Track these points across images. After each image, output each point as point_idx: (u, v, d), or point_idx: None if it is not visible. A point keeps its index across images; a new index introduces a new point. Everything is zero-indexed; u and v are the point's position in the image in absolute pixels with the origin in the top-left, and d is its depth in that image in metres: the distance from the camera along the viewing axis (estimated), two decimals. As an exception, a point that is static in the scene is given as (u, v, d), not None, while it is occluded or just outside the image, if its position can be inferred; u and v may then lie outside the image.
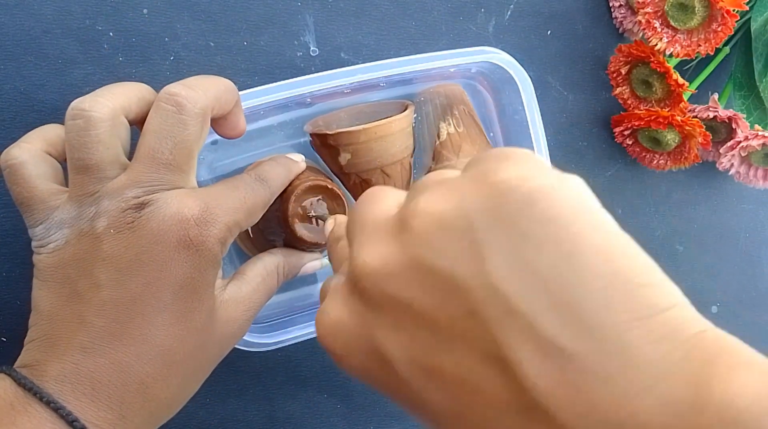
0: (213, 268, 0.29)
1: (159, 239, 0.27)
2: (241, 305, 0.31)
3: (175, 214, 0.27)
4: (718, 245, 0.55)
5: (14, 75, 0.35)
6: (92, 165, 0.27)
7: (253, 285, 0.32)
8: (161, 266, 0.27)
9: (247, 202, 0.31)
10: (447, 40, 0.44)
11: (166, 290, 0.27)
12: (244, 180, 0.32)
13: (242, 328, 0.31)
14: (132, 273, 0.27)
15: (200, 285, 0.28)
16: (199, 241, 0.28)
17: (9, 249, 0.36)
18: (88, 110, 0.27)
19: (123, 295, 0.27)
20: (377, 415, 0.45)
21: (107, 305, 0.27)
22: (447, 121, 0.40)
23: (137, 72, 0.37)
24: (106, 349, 0.26)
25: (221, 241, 0.29)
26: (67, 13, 0.36)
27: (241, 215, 0.30)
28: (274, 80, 0.36)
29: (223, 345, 0.31)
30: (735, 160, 0.48)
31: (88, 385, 0.26)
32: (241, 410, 0.42)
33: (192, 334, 0.28)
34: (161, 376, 0.27)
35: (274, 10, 0.40)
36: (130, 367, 0.26)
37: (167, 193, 0.28)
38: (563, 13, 0.47)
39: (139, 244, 0.27)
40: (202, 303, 0.28)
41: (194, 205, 0.28)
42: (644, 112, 0.45)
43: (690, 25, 0.42)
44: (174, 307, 0.27)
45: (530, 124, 0.40)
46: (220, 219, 0.28)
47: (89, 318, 0.26)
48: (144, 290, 0.27)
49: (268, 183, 0.33)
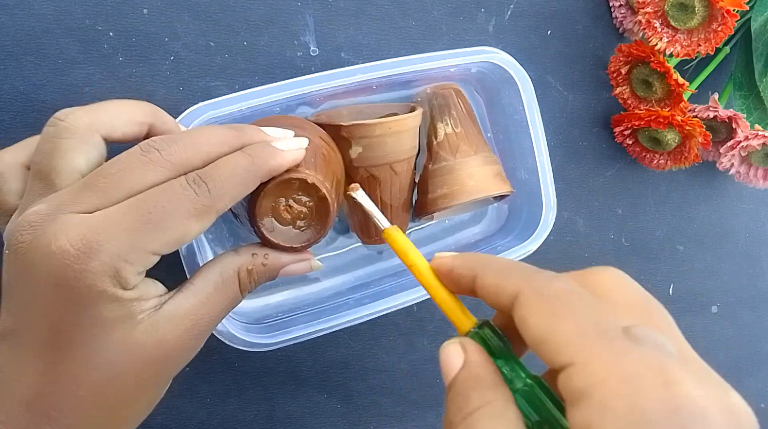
0: (106, 303, 0.25)
1: (27, 274, 0.25)
2: (180, 324, 0.27)
3: (46, 247, 0.24)
4: (718, 245, 0.55)
5: (14, 75, 0.35)
6: (47, 173, 0.26)
7: (200, 297, 0.28)
8: (28, 303, 0.25)
9: (155, 216, 0.25)
10: (447, 40, 0.44)
11: (38, 326, 0.25)
12: (169, 186, 0.26)
13: (186, 346, 0.28)
14: (6, 301, 0.26)
15: (86, 321, 0.25)
16: (72, 277, 0.24)
17: (9, 249, 0.36)
18: (62, 120, 0.27)
19: (4, 324, 0.26)
20: (377, 415, 0.45)
21: None
22: (444, 121, 0.40)
23: (137, 72, 0.37)
24: (8, 381, 0.25)
25: (111, 273, 0.24)
26: (67, 13, 0.36)
27: (144, 238, 0.25)
28: (274, 80, 0.36)
29: (161, 368, 0.27)
30: (735, 160, 0.48)
31: (2, 413, 0.25)
32: (241, 410, 0.42)
33: (94, 371, 0.25)
34: (68, 409, 0.25)
35: (274, 10, 0.40)
36: (33, 401, 0.25)
37: (59, 219, 0.25)
38: (563, 12, 0.47)
39: (13, 275, 0.25)
40: (98, 340, 0.25)
41: (74, 234, 0.24)
42: (644, 112, 0.45)
43: (690, 25, 0.42)
44: (56, 344, 0.25)
45: (530, 124, 0.40)
46: (106, 247, 0.24)
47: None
48: (16, 323, 0.25)
49: (207, 185, 0.27)
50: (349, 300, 0.40)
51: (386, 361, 0.45)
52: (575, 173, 0.49)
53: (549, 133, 0.41)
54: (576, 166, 0.49)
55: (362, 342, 0.44)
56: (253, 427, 0.42)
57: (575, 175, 0.49)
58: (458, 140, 0.40)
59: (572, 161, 0.49)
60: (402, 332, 0.45)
